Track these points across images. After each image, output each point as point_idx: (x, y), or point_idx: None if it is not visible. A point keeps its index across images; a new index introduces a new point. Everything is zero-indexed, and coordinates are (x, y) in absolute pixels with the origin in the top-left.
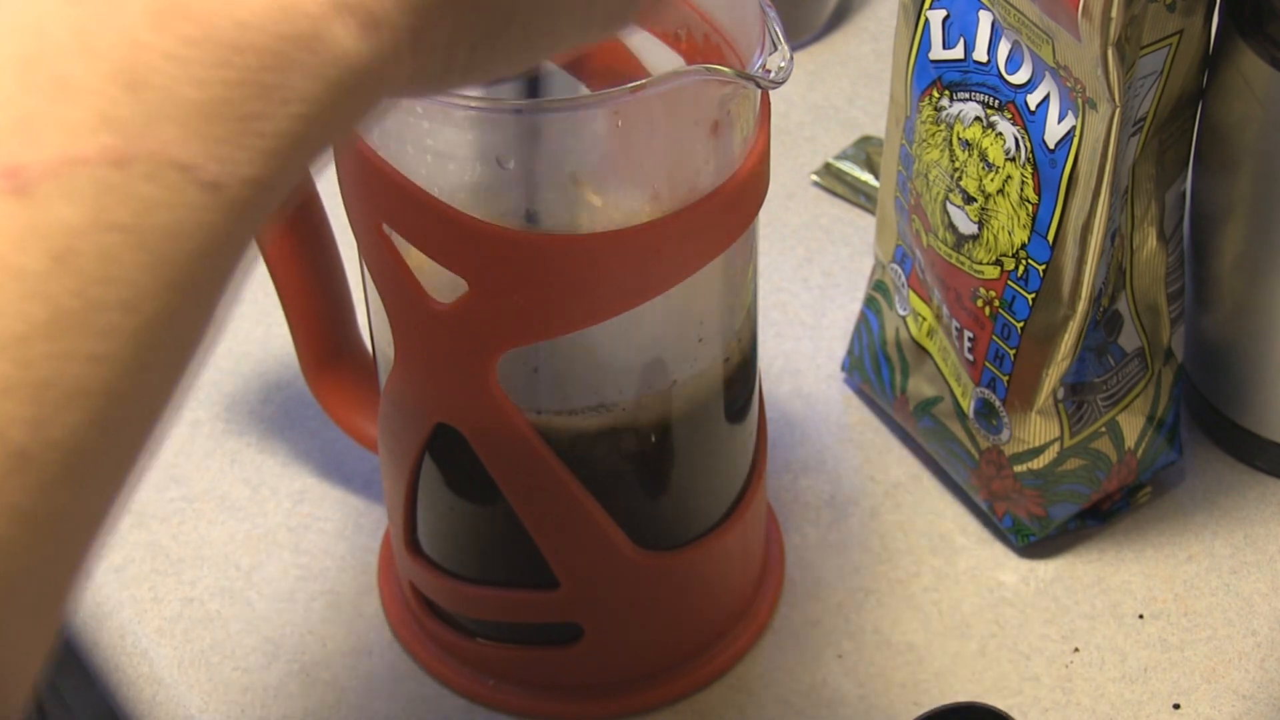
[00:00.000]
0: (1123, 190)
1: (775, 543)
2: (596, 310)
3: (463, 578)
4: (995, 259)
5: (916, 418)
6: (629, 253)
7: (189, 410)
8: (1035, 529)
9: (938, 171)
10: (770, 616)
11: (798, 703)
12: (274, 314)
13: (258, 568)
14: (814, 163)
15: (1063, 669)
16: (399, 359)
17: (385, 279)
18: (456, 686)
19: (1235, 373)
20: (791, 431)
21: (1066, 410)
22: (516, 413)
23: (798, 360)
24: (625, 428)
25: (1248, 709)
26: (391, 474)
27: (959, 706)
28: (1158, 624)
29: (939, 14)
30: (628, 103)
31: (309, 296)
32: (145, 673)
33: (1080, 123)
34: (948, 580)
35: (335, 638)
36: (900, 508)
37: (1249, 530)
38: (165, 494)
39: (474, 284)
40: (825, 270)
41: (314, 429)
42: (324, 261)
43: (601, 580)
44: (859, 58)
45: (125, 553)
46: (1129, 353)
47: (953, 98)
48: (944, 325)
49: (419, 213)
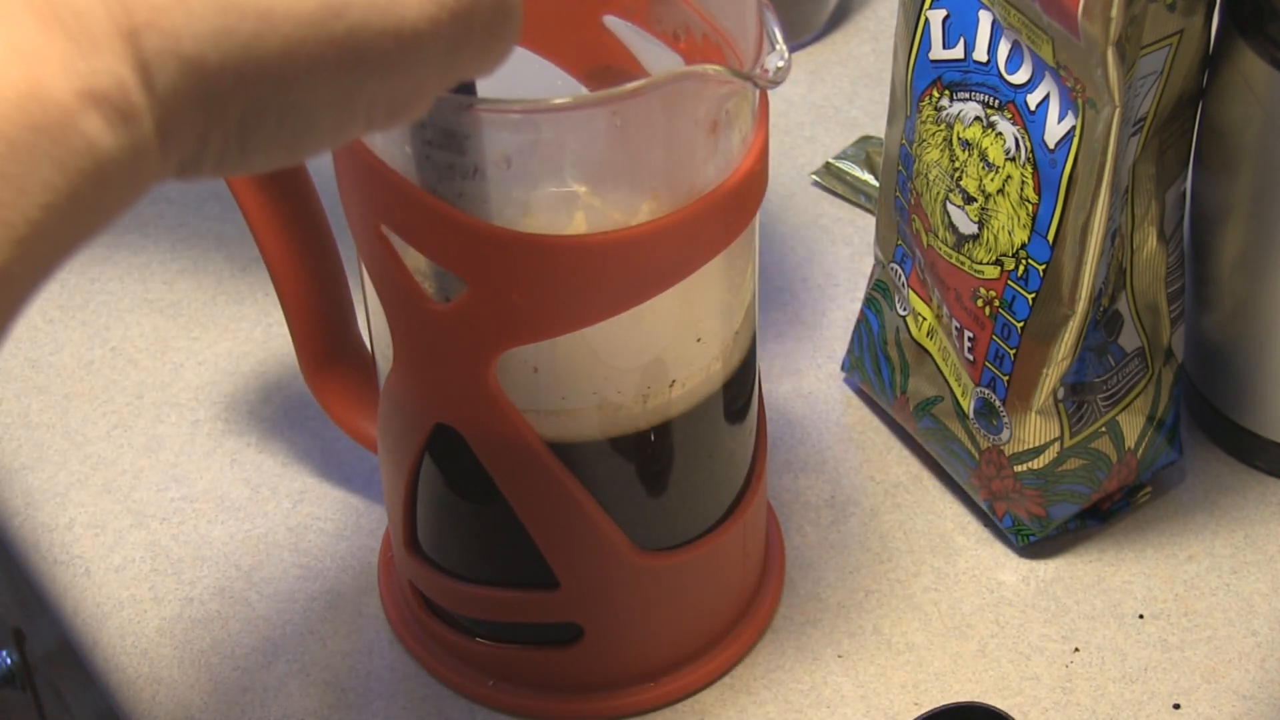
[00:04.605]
0: (1123, 190)
1: (775, 543)
2: (596, 310)
3: (463, 578)
4: (995, 259)
5: (916, 418)
6: (629, 252)
7: (189, 410)
8: (1035, 529)
9: (938, 171)
10: (770, 616)
11: (798, 703)
12: (274, 314)
13: (258, 568)
14: (814, 163)
15: (1063, 669)
16: (398, 359)
17: (384, 280)
18: (456, 686)
19: (1235, 373)
20: (791, 431)
21: (1066, 410)
22: (516, 413)
23: (798, 360)
24: (625, 428)
25: (1248, 709)
26: (391, 474)
27: (959, 706)
28: (1158, 624)
29: (939, 14)
30: (627, 103)
31: (308, 297)
32: (145, 673)
33: (1080, 123)
34: (948, 580)
35: (335, 638)
36: (900, 508)
37: (1249, 530)
38: (165, 494)
39: (473, 284)
40: (825, 270)
41: (314, 429)
42: (323, 262)
43: (601, 580)
44: (859, 58)
45: (125, 553)
46: (1129, 353)
47: (953, 98)
48: (944, 325)
49: (418, 214)
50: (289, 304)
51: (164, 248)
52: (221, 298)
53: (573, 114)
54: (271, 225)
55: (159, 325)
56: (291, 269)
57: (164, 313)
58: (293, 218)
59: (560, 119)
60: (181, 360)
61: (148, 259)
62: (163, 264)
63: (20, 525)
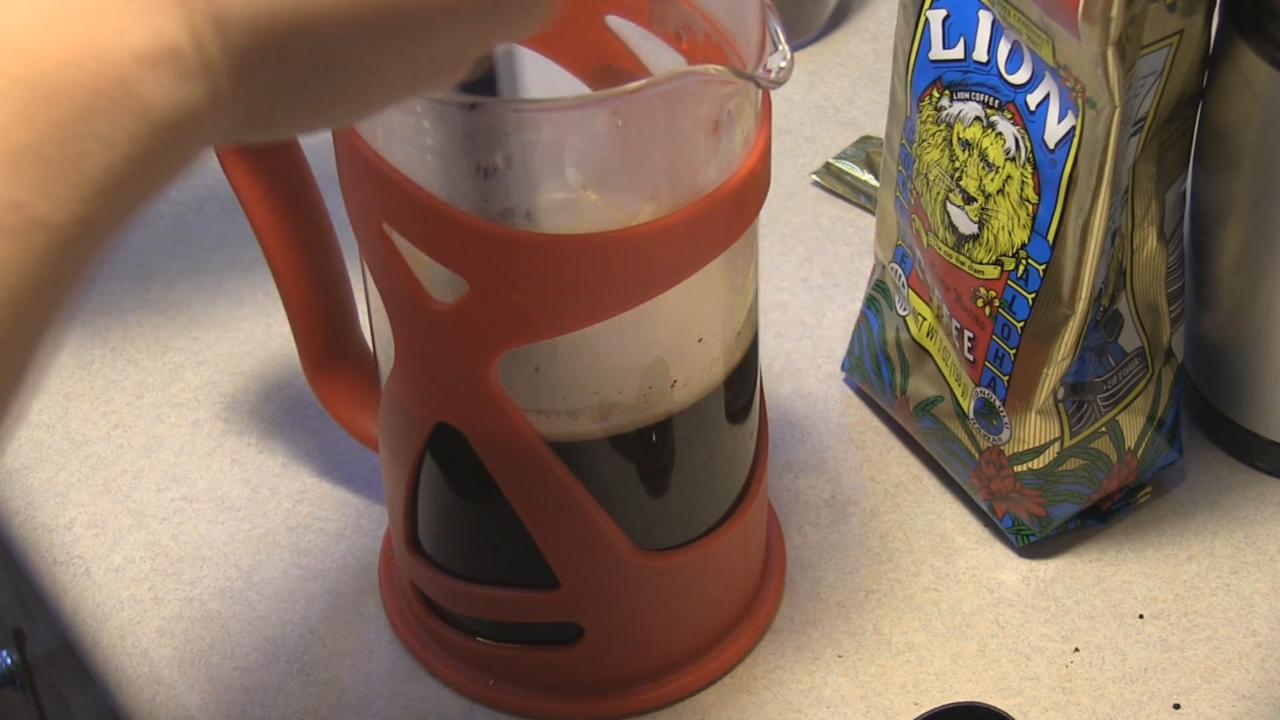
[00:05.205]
0: (1123, 190)
1: (775, 543)
2: (596, 310)
3: (463, 577)
4: (995, 259)
5: (916, 418)
6: (629, 253)
7: (189, 410)
8: (1035, 529)
9: (938, 171)
10: (770, 616)
11: (798, 703)
12: (274, 314)
13: (258, 568)
14: (814, 163)
15: (1063, 669)
16: (399, 358)
17: (386, 278)
18: (456, 686)
19: (1235, 373)
20: (791, 431)
21: (1066, 410)
22: (516, 412)
23: (798, 360)
24: (625, 428)
25: (1248, 709)
26: (392, 473)
27: (959, 706)
28: (1158, 624)
29: (939, 14)
30: (628, 102)
31: (310, 295)
32: (145, 673)
33: (1080, 123)
34: (948, 580)
35: (335, 638)
36: (900, 508)
37: (1249, 530)
38: (165, 494)
39: (474, 284)
40: (825, 270)
41: (314, 429)
42: (325, 261)
43: (601, 580)
44: (859, 58)
45: (125, 553)
46: (1129, 353)
47: (953, 98)
48: (944, 325)
49: (419, 212)
50: (291, 303)
51: (164, 248)
52: (221, 298)
53: (574, 113)
54: (274, 224)
55: (159, 325)
56: (293, 268)
57: (164, 313)
58: (295, 216)
59: (561, 118)
60: (181, 360)
61: (148, 259)
62: (163, 264)
63: (20, 525)
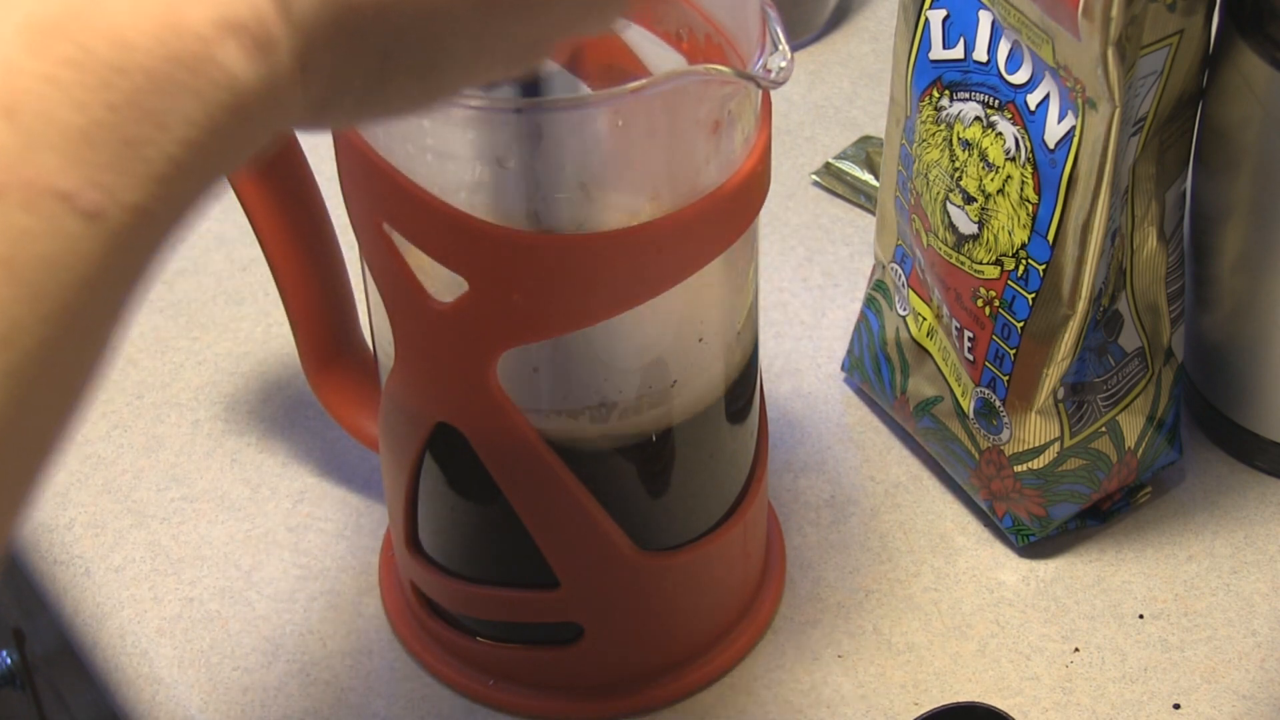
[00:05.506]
0: (1123, 190)
1: (775, 543)
2: (596, 310)
3: (463, 577)
4: (995, 259)
5: (916, 418)
6: (629, 253)
7: (189, 410)
8: (1035, 529)
9: (938, 171)
10: (770, 616)
11: (798, 702)
12: (274, 314)
13: (258, 568)
14: (814, 163)
15: (1063, 669)
16: (399, 358)
17: (386, 278)
18: (456, 686)
19: (1235, 373)
20: (791, 431)
21: (1066, 410)
22: (516, 412)
23: (798, 360)
24: (625, 428)
25: (1248, 709)
26: (392, 473)
27: (959, 706)
28: (1158, 624)
29: (939, 14)
30: (629, 102)
31: (310, 295)
32: (145, 673)
33: (1080, 123)
34: (948, 580)
35: (335, 638)
36: (900, 508)
37: (1249, 530)
38: (165, 494)
39: (474, 284)
40: (825, 270)
41: (314, 429)
42: (325, 260)
43: (601, 580)
44: (859, 58)
45: (125, 553)
46: (1129, 353)
47: (953, 98)
48: (944, 325)
49: (419, 212)
50: (291, 302)
51: None
52: (221, 298)
53: (574, 113)
54: (274, 223)
55: (159, 325)
56: (294, 267)
57: (164, 313)
58: (295, 216)
59: (562, 118)
60: (181, 360)
61: None
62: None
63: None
